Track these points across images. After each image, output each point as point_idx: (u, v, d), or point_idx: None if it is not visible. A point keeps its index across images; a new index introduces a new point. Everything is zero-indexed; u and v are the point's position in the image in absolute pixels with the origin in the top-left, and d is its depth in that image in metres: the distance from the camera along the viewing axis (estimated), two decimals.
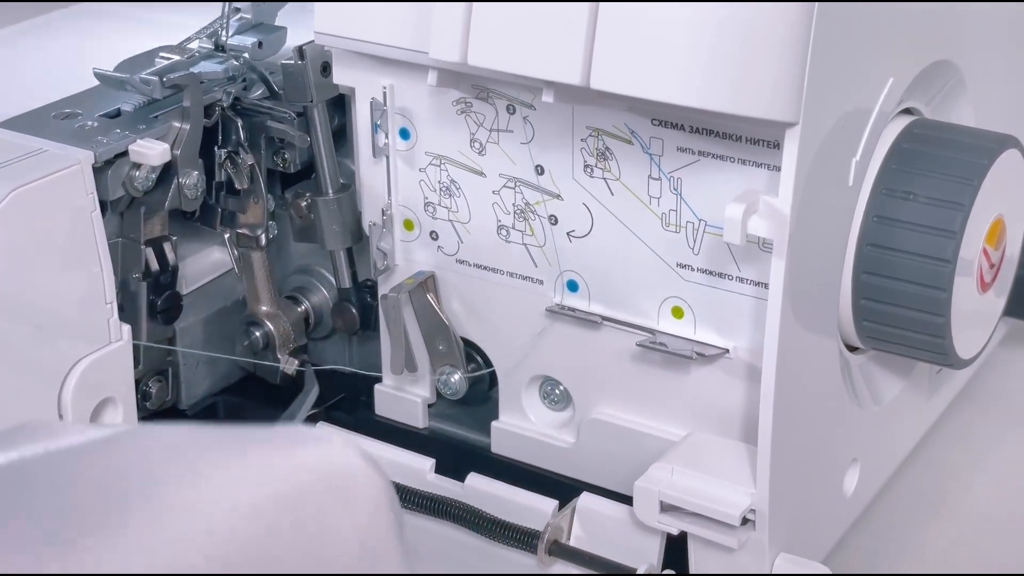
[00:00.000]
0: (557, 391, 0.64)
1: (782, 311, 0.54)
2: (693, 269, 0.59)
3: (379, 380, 0.69)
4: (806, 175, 0.53)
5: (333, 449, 0.37)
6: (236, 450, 0.36)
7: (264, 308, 0.69)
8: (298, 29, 0.67)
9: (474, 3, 0.54)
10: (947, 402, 0.74)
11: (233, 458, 0.36)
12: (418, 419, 0.68)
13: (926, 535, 0.69)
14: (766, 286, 0.55)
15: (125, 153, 0.61)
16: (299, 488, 0.36)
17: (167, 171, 0.63)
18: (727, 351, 0.59)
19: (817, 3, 0.50)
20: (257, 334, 0.70)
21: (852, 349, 0.62)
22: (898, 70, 0.58)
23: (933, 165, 0.58)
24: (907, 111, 0.61)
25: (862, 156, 0.57)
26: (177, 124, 0.63)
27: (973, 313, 0.61)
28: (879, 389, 0.65)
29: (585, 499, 0.63)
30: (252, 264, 0.68)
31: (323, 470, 0.36)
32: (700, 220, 0.58)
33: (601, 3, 0.52)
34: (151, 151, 0.61)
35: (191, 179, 0.63)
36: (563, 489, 0.64)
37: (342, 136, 0.67)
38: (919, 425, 0.72)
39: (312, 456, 0.36)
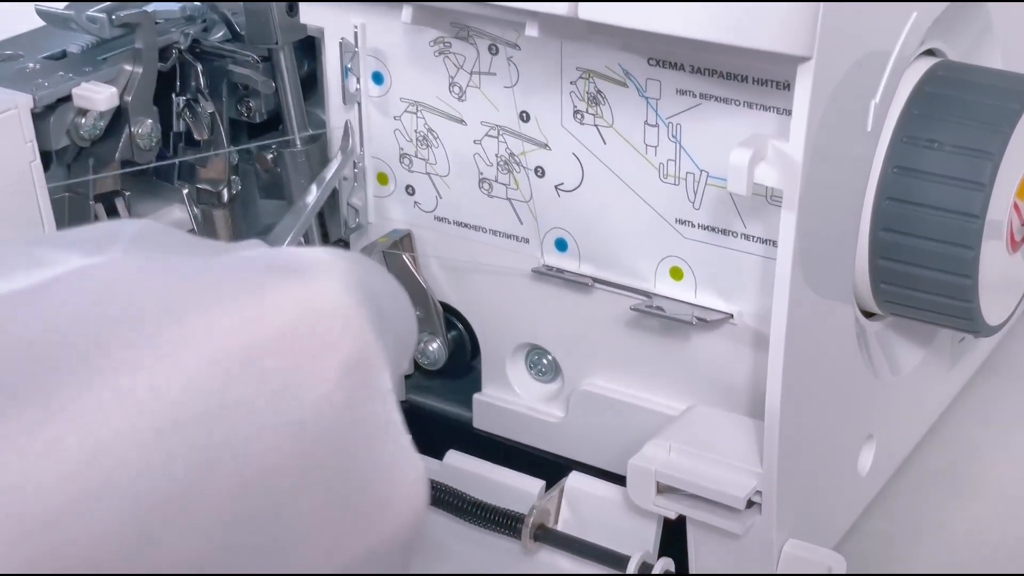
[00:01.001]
0: (545, 361, 0.63)
1: (792, 272, 0.53)
2: (694, 225, 0.57)
3: None
4: (820, 118, 0.51)
5: (310, 287, 0.36)
6: (197, 296, 0.35)
7: None
8: None
9: None
10: (970, 373, 0.73)
11: (192, 304, 0.34)
12: None
13: (946, 517, 0.68)
14: (774, 244, 0.54)
15: (69, 98, 0.60)
16: (264, 337, 0.34)
17: (118, 119, 0.61)
18: (731, 316, 0.57)
19: None
20: None
21: (868, 315, 0.61)
22: (922, 4, 0.56)
23: (959, 110, 0.56)
24: (930, 52, 0.60)
25: (882, 99, 0.55)
26: (128, 67, 0.61)
27: (1002, 275, 0.59)
28: (897, 358, 0.64)
29: (574, 479, 0.62)
30: (214, 223, 0.67)
31: (294, 314, 0.35)
32: (702, 171, 0.56)
33: None
34: (97, 95, 0.60)
35: (144, 128, 0.62)
36: (551, 468, 0.63)
37: (312, 84, 0.66)
38: (939, 398, 0.71)
39: (285, 298, 0.35)
